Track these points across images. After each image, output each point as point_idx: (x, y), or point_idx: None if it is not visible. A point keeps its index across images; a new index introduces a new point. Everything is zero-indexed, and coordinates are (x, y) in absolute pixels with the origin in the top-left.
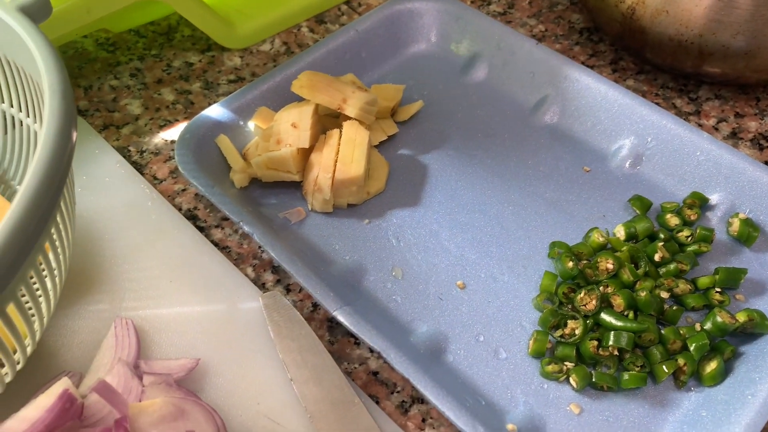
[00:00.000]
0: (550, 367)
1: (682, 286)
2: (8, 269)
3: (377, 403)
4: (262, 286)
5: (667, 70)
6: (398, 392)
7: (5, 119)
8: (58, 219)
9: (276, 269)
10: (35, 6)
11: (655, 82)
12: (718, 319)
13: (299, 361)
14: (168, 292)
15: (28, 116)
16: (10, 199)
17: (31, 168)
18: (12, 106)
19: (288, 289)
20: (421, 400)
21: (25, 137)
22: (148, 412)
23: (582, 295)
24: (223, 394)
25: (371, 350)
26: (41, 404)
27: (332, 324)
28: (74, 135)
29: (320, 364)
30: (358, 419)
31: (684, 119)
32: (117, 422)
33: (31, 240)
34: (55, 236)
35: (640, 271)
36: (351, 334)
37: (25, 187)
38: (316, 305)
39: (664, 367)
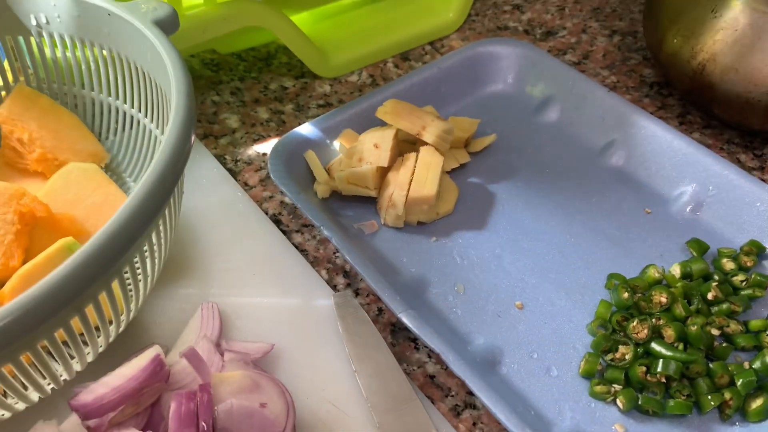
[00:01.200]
0: (598, 388)
1: (734, 326)
2: (127, 242)
3: (432, 403)
4: (334, 288)
5: (734, 126)
6: (452, 396)
7: (125, 119)
8: (167, 210)
9: (347, 273)
10: (167, 20)
11: (721, 136)
12: None
13: (364, 356)
14: (250, 284)
15: (146, 116)
16: (122, 188)
17: (156, 156)
18: (132, 107)
19: (357, 293)
20: (473, 405)
21: (141, 136)
22: (229, 381)
23: (635, 323)
24: (293, 378)
25: (429, 355)
26: (135, 365)
27: (395, 328)
28: (193, 135)
29: (383, 360)
30: (415, 414)
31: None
32: (201, 387)
33: (150, 219)
34: (163, 225)
35: (693, 308)
36: (411, 339)
37: (148, 175)
38: (381, 309)
39: (710, 398)
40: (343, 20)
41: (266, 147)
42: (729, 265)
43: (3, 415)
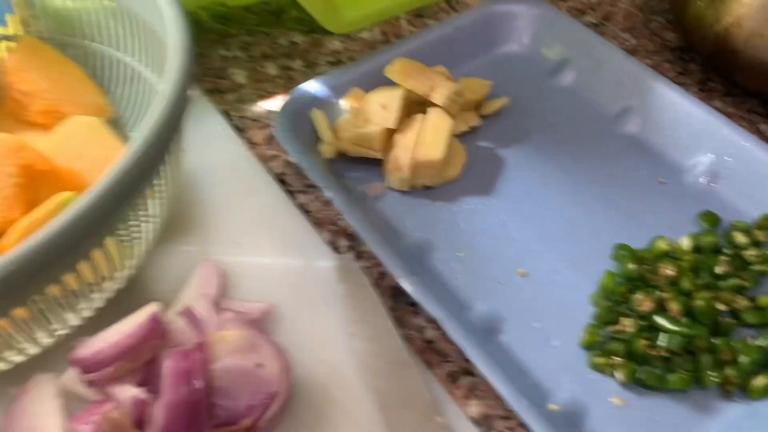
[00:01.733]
0: (598, 359)
1: (741, 302)
2: (122, 197)
3: (429, 368)
4: (336, 250)
5: (756, 94)
6: (450, 362)
7: (128, 73)
8: (164, 167)
9: (350, 236)
10: None
11: (743, 105)
12: None
13: (362, 319)
14: (252, 243)
15: (149, 70)
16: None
17: (152, 110)
18: (135, 60)
19: (359, 256)
20: (470, 372)
21: (144, 90)
22: (226, 341)
23: (639, 295)
24: (290, 338)
25: (429, 320)
26: (133, 321)
27: (395, 293)
28: (190, 89)
29: (381, 325)
30: (410, 379)
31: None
32: (197, 345)
33: (143, 176)
34: (161, 180)
35: (700, 282)
36: (411, 304)
37: (143, 129)
38: (382, 274)
39: (711, 374)
40: None
41: (273, 104)
42: (741, 238)
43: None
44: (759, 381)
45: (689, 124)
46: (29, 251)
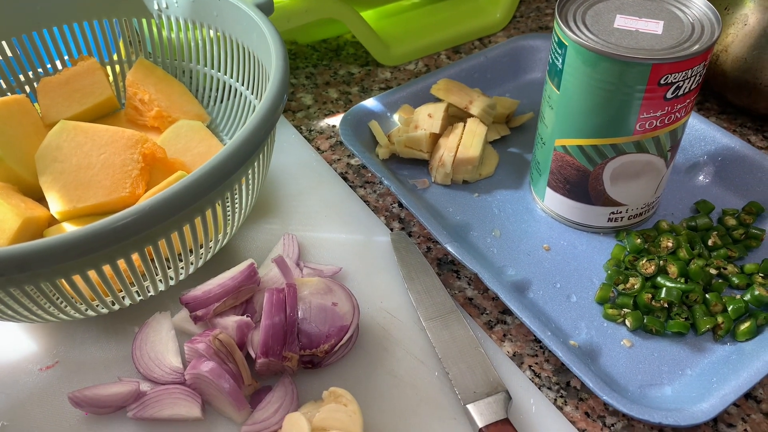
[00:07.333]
0: (610, 311)
1: (730, 268)
2: (225, 173)
3: (470, 318)
4: (391, 230)
5: (746, 111)
6: (486, 314)
7: (224, 88)
8: (264, 148)
9: (402, 220)
10: (266, 5)
11: (735, 121)
12: (756, 292)
13: (414, 277)
14: (323, 223)
15: (243, 85)
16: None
17: (259, 105)
18: (232, 78)
19: (410, 234)
20: (504, 321)
21: (238, 102)
22: (308, 285)
23: (644, 261)
24: (356, 292)
25: (469, 282)
26: (235, 270)
27: (441, 262)
28: (286, 94)
29: (430, 283)
30: (455, 321)
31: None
32: (288, 285)
33: (243, 159)
34: (257, 164)
35: (695, 252)
36: (454, 271)
37: (254, 116)
38: (429, 248)
39: (705, 320)
40: (404, 18)
41: (335, 120)
42: (731, 221)
43: (124, 299)
44: (743, 326)
45: (687, 132)
46: (161, 199)
